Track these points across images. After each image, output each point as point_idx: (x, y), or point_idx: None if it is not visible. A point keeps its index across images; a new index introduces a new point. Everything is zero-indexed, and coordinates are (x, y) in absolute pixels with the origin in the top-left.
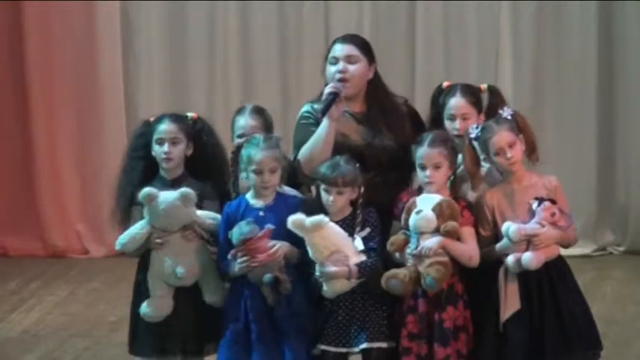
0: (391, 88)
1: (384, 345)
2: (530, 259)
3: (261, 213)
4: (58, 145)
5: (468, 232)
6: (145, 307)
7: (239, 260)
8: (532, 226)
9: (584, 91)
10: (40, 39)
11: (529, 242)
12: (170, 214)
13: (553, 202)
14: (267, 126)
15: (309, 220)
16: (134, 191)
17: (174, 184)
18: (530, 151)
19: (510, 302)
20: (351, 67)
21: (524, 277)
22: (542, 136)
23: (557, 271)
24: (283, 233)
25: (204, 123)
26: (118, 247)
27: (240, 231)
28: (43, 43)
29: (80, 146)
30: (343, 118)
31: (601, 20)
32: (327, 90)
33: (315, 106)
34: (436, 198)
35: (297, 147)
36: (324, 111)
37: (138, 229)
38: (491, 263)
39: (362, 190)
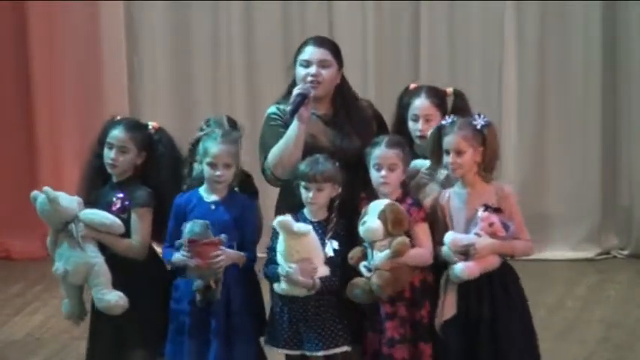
0: (395, 88)
1: (342, 349)
2: (461, 269)
3: (212, 206)
4: (61, 148)
5: (419, 230)
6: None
7: (181, 253)
8: (468, 237)
9: (588, 94)
10: (44, 39)
11: (468, 252)
12: (43, 214)
13: (499, 210)
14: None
15: (297, 226)
16: (87, 187)
17: (118, 186)
18: (486, 167)
19: (447, 307)
20: (324, 72)
21: (466, 283)
22: (546, 139)
23: (499, 280)
24: (234, 229)
25: (164, 134)
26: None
27: (191, 229)
28: (47, 44)
29: (84, 148)
30: (311, 119)
31: (605, 22)
32: (296, 91)
33: (282, 107)
34: (382, 204)
35: (265, 148)
36: (293, 112)
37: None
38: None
39: (339, 190)
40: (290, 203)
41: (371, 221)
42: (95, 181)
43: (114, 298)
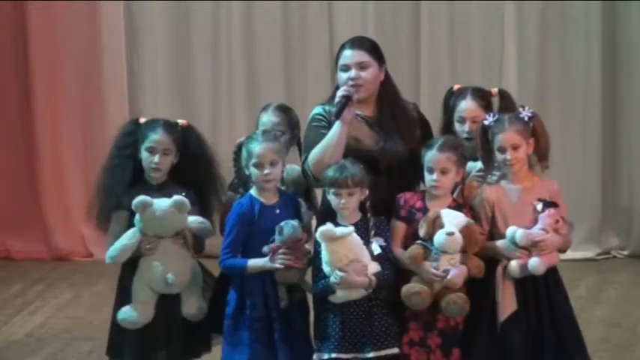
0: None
1: (392, 351)
2: (537, 264)
3: (277, 211)
4: (62, 148)
5: None
6: (125, 313)
7: (281, 257)
8: (538, 232)
9: (588, 94)
10: (43, 40)
11: (535, 247)
12: (165, 222)
13: (555, 205)
14: (291, 124)
15: (339, 231)
16: (122, 192)
17: (158, 189)
18: (540, 157)
19: (508, 303)
20: (363, 74)
21: (521, 279)
22: None
23: (552, 275)
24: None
25: (193, 131)
26: (108, 260)
27: (291, 229)
28: (47, 44)
29: (84, 149)
30: (355, 121)
31: (605, 21)
32: (340, 93)
33: (327, 108)
34: (460, 217)
35: (308, 149)
36: (338, 114)
37: (128, 239)
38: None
39: (367, 192)
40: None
41: (457, 234)
42: (127, 185)
43: (204, 309)
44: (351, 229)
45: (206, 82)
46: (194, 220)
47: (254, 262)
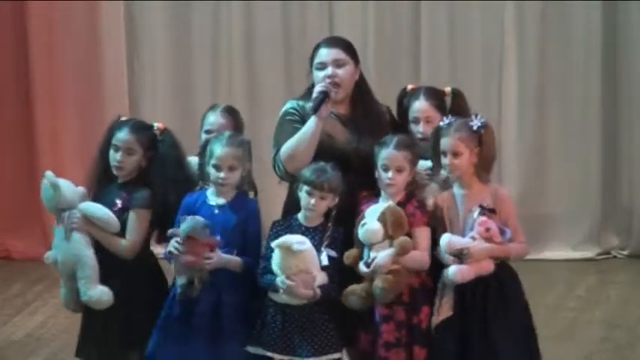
0: (395, 88)
1: (332, 357)
2: (453, 272)
3: (216, 211)
4: (62, 148)
5: (420, 233)
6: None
7: (173, 245)
8: (463, 240)
9: (588, 93)
10: (43, 39)
11: (462, 255)
12: (44, 199)
13: (493, 211)
14: (237, 126)
15: (296, 246)
16: (94, 185)
17: (122, 187)
18: (483, 167)
19: (443, 308)
20: (340, 71)
21: (463, 285)
22: (546, 139)
23: (496, 281)
24: (236, 233)
25: (168, 135)
26: None
27: (190, 225)
28: (47, 44)
29: (84, 149)
30: (330, 118)
31: (605, 22)
32: (318, 88)
33: (300, 103)
34: (380, 207)
35: (279, 143)
36: (316, 109)
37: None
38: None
39: (337, 201)
40: (298, 204)
41: (371, 223)
42: (101, 179)
43: (96, 294)
44: (308, 245)
45: (206, 82)
46: (99, 209)
47: (169, 245)
